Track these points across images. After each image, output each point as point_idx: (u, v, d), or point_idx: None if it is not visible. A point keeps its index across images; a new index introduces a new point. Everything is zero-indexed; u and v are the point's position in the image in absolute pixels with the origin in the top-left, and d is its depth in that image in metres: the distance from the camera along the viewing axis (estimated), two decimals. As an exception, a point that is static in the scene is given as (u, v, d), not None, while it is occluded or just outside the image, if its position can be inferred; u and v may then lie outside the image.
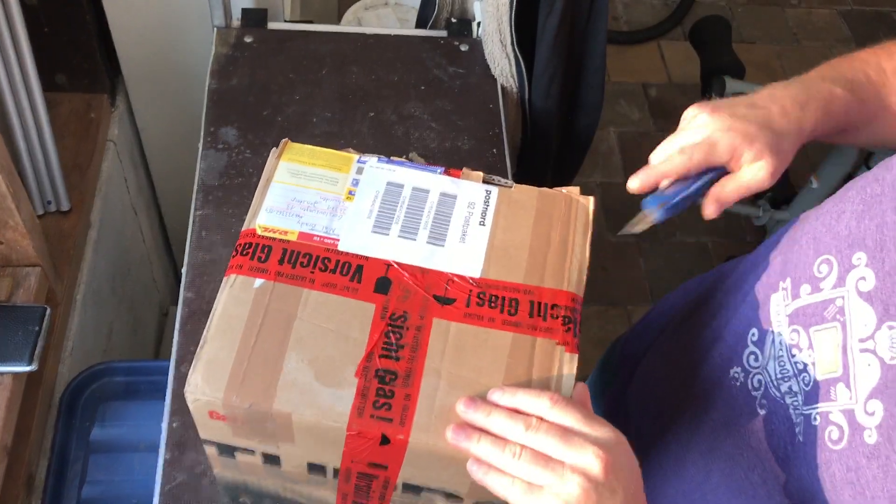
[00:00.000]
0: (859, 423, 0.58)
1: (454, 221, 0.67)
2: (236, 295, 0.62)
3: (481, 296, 0.63)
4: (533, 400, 0.57)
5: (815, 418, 0.62)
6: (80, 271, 1.28)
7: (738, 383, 0.71)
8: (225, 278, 0.63)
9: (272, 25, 1.25)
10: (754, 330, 0.70)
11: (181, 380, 0.89)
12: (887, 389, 0.56)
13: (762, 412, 0.68)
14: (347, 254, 0.64)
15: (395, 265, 0.64)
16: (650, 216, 0.69)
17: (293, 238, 0.65)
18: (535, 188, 0.70)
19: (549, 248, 0.66)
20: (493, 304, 0.62)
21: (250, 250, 0.64)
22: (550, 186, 0.70)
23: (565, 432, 0.55)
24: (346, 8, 1.84)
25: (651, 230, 0.71)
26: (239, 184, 1.06)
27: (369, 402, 0.58)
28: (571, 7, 1.17)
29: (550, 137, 1.30)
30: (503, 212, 0.68)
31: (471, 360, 0.60)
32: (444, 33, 1.29)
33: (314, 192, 0.68)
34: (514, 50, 1.18)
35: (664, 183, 0.70)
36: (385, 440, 0.58)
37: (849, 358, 0.59)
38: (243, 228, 0.65)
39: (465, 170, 0.70)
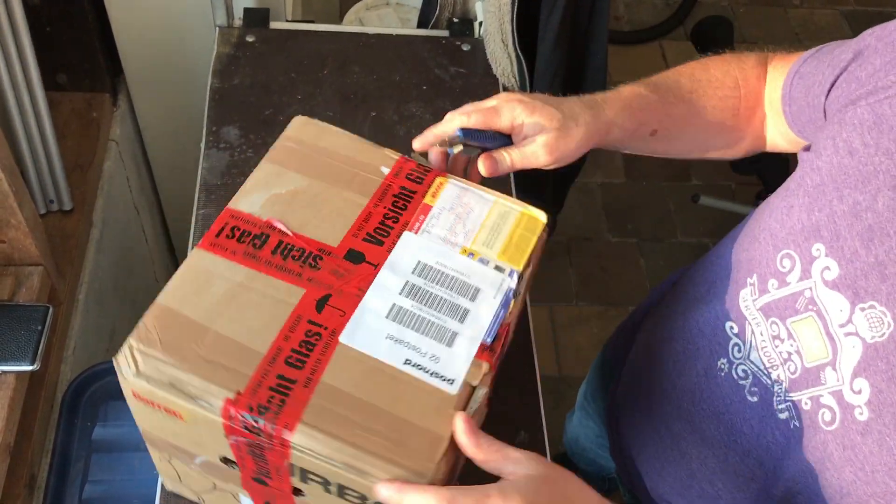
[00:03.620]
0: (848, 403, 0.60)
1: None
2: None
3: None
4: None
5: (805, 403, 0.64)
6: (82, 270, 1.28)
7: (723, 373, 0.73)
8: None
9: (274, 25, 1.25)
10: (731, 323, 0.72)
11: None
12: (870, 366, 0.58)
13: (753, 399, 0.70)
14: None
15: None
16: (454, 141, 0.68)
17: None
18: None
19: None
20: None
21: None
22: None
23: None
24: (348, 8, 1.84)
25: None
26: (241, 183, 1.05)
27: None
28: (573, 7, 1.17)
29: (552, 137, 1.30)
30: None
31: None
32: (445, 33, 1.29)
33: None
34: (515, 50, 1.18)
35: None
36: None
37: (836, 343, 0.60)
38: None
39: None
